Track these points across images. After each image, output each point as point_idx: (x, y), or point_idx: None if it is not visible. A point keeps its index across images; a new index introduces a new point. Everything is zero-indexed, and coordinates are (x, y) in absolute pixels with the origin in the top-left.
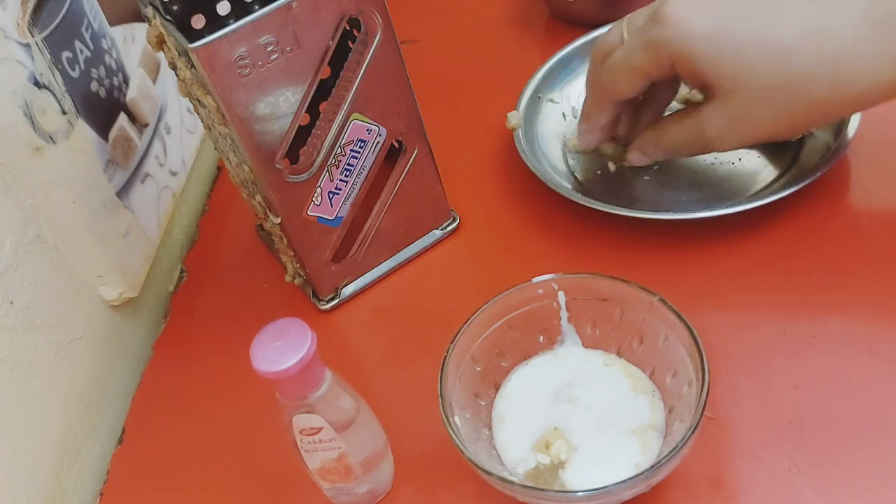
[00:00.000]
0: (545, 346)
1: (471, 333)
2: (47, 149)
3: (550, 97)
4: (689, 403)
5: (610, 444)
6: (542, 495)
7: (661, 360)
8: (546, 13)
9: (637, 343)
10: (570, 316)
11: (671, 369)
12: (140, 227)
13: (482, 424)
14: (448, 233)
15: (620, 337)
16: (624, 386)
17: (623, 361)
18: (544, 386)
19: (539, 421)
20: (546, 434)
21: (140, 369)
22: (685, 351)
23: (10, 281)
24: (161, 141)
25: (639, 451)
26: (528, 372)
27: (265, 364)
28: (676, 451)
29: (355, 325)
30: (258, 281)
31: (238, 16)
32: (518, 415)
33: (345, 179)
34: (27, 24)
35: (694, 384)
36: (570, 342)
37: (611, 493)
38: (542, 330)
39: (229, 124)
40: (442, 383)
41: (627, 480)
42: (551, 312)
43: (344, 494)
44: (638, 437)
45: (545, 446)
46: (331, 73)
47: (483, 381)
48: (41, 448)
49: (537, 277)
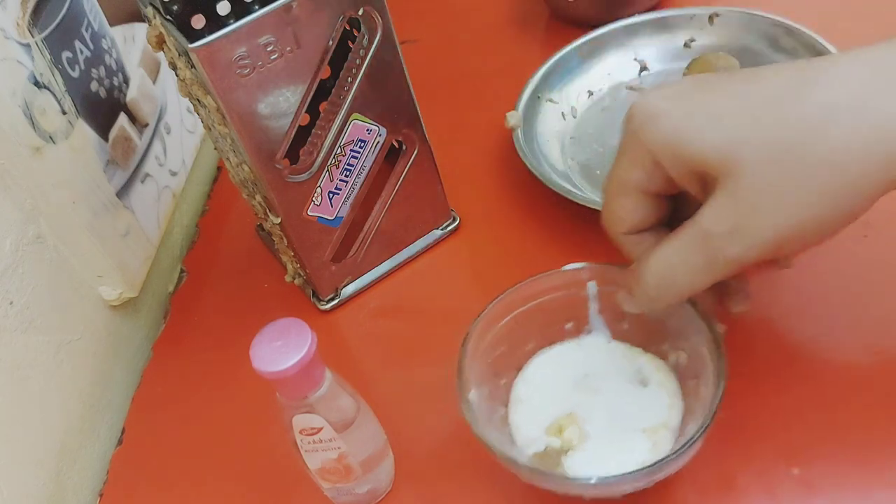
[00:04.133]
0: (572, 333)
1: (497, 313)
2: (47, 149)
3: (550, 97)
4: (705, 406)
5: (621, 438)
6: (543, 478)
7: (687, 360)
8: (546, 13)
9: (663, 341)
10: (600, 307)
11: (694, 370)
12: (140, 227)
13: (499, 403)
14: (448, 233)
15: (648, 333)
16: (646, 382)
17: (649, 357)
18: (566, 372)
19: (556, 406)
20: (560, 419)
21: (140, 369)
22: (707, 352)
23: (10, 281)
24: (161, 141)
25: (649, 448)
26: (552, 357)
27: (265, 364)
28: (681, 452)
29: (355, 325)
30: (258, 281)
31: (238, 16)
32: (536, 397)
33: (345, 179)
34: (27, 24)
35: (710, 386)
36: (597, 333)
37: (610, 485)
38: (571, 318)
39: (229, 124)
40: (462, 358)
41: (628, 474)
42: (581, 301)
43: (344, 494)
44: (649, 436)
45: (558, 430)
46: (331, 73)
47: (505, 361)
48: (41, 448)
49: (568, 265)
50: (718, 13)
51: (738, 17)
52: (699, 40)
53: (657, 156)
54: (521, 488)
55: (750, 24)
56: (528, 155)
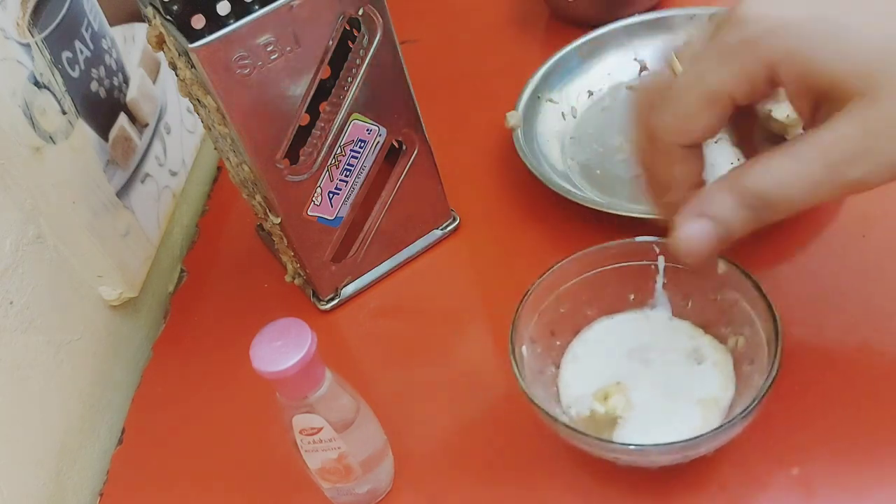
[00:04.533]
0: (634, 305)
1: (563, 273)
2: (47, 149)
3: (550, 97)
4: (754, 392)
5: (669, 410)
6: (581, 438)
7: (745, 345)
8: (546, 13)
9: (725, 324)
10: (666, 283)
11: (750, 356)
12: (140, 227)
13: (550, 362)
14: (448, 233)
15: (710, 314)
16: (701, 360)
17: (709, 338)
18: (623, 341)
19: (608, 371)
20: (609, 386)
21: (140, 369)
22: (766, 341)
23: (10, 281)
24: (161, 141)
25: (697, 424)
26: (612, 324)
27: (265, 364)
28: (720, 431)
29: (355, 325)
30: (258, 281)
31: (238, 16)
32: (588, 361)
33: (345, 179)
34: (27, 24)
35: (763, 374)
36: (660, 308)
37: (646, 453)
38: (636, 290)
39: (229, 124)
40: (519, 311)
41: (664, 445)
42: (648, 274)
43: (344, 494)
44: (699, 410)
45: (604, 397)
46: (331, 73)
47: (563, 322)
48: (41, 448)
49: (641, 237)
50: (718, 13)
51: None
52: None
53: (778, 68)
54: (522, 488)
55: None
56: (528, 155)
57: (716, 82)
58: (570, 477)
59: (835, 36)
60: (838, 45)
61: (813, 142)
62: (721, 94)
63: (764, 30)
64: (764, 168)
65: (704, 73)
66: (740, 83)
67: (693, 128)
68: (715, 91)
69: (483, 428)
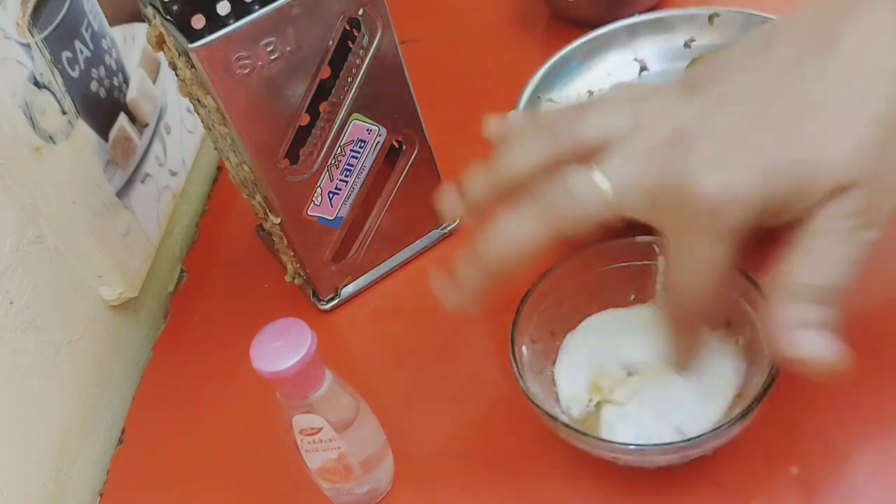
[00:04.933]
0: (634, 304)
1: (561, 274)
2: (47, 149)
3: (550, 97)
4: (753, 391)
5: (668, 404)
6: (579, 438)
7: (747, 346)
8: (546, 13)
9: (725, 325)
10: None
11: (750, 356)
12: (140, 227)
13: (550, 362)
14: (448, 233)
15: (711, 314)
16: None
17: (712, 335)
18: (619, 336)
19: (604, 364)
20: (598, 378)
21: (140, 369)
22: (765, 344)
23: (10, 281)
24: (161, 141)
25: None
26: (607, 319)
27: (265, 364)
28: (720, 430)
29: (355, 325)
30: (258, 281)
31: (238, 16)
32: (581, 355)
33: (345, 179)
34: (27, 24)
35: (762, 375)
36: (660, 306)
37: (643, 453)
38: (636, 289)
39: (229, 124)
40: (520, 310)
41: (660, 445)
42: (648, 274)
43: (344, 494)
44: (700, 403)
45: (597, 389)
46: (331, 73)
47: (563, 321)
48: (41, 448)
49: (641, 237)
50: (718, 13)
51: (738, 17)
52: (699, 40)
53: (766, 219)
54: (522, 488)
55: (750, 24)
56: None
57: (720, 260)
58: (569, 477)
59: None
60: (814, 170)
61: (824, 226)
62: (725, 263)
63: (723, 212)
64: (802, 267)
65: (704, 253)
66: (727, 247)
67: (706, 293)
68: (725, 268)
69: (483, 428)
